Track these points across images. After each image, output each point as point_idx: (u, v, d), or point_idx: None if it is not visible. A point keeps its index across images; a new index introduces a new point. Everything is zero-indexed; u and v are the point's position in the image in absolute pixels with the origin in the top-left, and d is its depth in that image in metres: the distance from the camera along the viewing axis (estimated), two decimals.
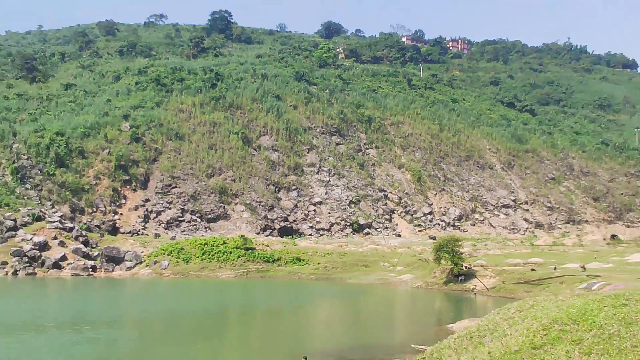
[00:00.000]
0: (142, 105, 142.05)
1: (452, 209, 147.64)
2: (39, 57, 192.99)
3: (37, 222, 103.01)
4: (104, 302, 70.26)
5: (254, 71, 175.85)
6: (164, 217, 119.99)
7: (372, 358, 40.37)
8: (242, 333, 56.25)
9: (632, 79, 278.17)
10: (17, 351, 42.70)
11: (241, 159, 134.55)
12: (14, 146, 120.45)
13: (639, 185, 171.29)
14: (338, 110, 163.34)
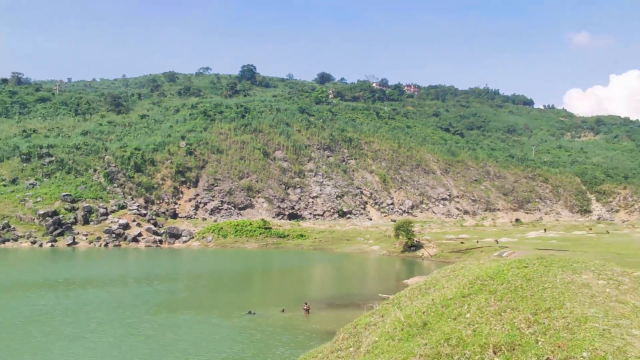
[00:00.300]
0: (194, 130, 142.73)
1: (407, 201, 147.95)
2: (122, 96, 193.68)
3: (121, 209, 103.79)
4: (167, 265, 71.02)
5: (271, 106, 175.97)
6: (209, 206, 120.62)
7: (351, 303, 40.64)
8: (263, 285, 56.82)
9: (530, 112, 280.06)
10: (108, 298, 43.09)
11: (262, 167, 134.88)
12: (105, 157, 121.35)
13: (534, 184, 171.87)
14: (328, 133, 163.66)
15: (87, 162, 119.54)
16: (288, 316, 36.20)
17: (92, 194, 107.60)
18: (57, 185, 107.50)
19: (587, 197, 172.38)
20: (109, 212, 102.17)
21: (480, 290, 14.10)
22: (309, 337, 29.61)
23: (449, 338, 12.08)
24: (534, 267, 15.07)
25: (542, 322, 11.11)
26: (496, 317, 12.13)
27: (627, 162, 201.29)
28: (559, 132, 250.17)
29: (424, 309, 14.72)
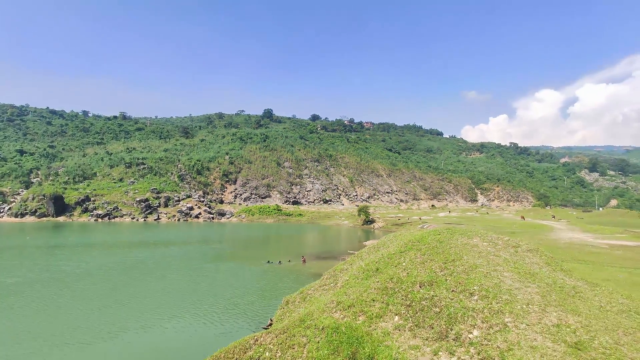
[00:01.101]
0: (234, 149, 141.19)
1: (365, 194, 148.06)
2: (189, 127, 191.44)
3: (188, 198, 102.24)
4: (217, 232, 70.01)
5: (282, 135, 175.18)
6: (243, 196, 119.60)
7: (332, 256, 40.62)
8: (276, 245, 56.23)
9: (440, 139, 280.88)
10: (181, 252, 42.86)
11: (276, 172, 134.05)
12: (178, 165, 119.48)
13: (443, 184, 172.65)
14: (317, 151, 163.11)
15: (166, 168, 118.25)
16: (293, 264, 36.24)
17: (170, 188, 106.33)
18: (148, 183, 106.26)
19: (475, 191, 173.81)
20: (180, 199, 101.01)
21: (411, 248, 14.21)
22: (306, 276, 29.67)
23: (392, 278, 12.15)
24: (443, 234, 15.20)
25: (449, 268, 11.21)
26: (421, 265, 12.22)
27: (499, 170, 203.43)
28: (458, 152, 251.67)
29: (376, 260, 14.78)
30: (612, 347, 6.61)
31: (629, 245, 33.75)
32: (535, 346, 6.78)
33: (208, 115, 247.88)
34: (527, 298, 8.59)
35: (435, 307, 9.59)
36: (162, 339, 17.65)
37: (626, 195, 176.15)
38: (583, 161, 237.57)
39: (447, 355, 7.98)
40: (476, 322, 8.23)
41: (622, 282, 16.64)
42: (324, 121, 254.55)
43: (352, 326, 10.62)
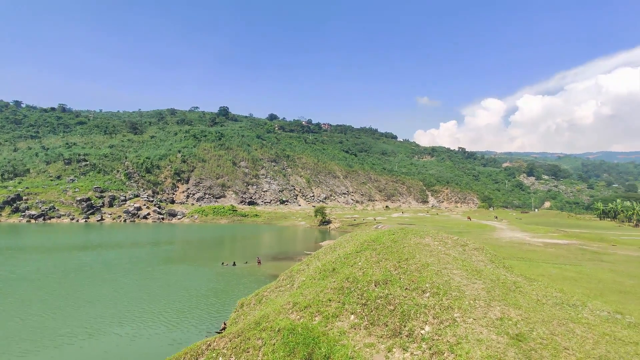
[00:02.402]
0: (187, 147, 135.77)
1: (322, 194, 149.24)
2: (138, 123, 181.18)
3: (136, 197, 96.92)
4: (168, 234, 66.91)
5: (238, 133, 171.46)
6: (196, 196, 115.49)
7: (288, 257, 40.39)
8: (231, 246, 54.87)
9: (395, 143, 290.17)
10: (130, 254, 40.47)
11: (231, 171, 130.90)
12: (125, 163, 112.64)
13: (396, 185, 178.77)
14: (274, 151, 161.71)
15: (112, 165, 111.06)
16: (248, 266, 35.55)
17: (115, 186, 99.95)
18: (90, 181, 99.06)
19: (426, 193, 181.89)
20: (127, 199, 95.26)
21: (367, 248, 14.49)
22: (262, 278, 29.24)
23: (348, 277, 12.31)
24: (398, 234, 15.68)
25: (403, 267, 11.57)
26: (376, 264, 12.50)
27: (448, 173, 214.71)
28: (411, 155, 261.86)
29: (333, 260, 14.90)
30: (548, 338, 7.19)
31: (560, 244, 37.09)
32: (481, 339, 7.19)
33: (159, 110, 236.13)
34: (474, 294, 9.10)
35: (389, 305, 9.85)
36: (110, 347, 16.57)
37: (558, 197, 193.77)
38: (522, 166, 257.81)
39: (401, 351, 8.22)
40: (428, 318, 8.56)
41: (554, 277, 18.21)
42: (282, 121, 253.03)
43: (308, 327, 10.61)
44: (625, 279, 19.01)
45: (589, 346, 7.03)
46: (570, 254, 29.87)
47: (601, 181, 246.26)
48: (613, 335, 7.85)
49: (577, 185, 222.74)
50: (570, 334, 7.49)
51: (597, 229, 61.84)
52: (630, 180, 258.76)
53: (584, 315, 9.12)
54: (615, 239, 42.73)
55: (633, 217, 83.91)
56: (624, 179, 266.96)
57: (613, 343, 7.38)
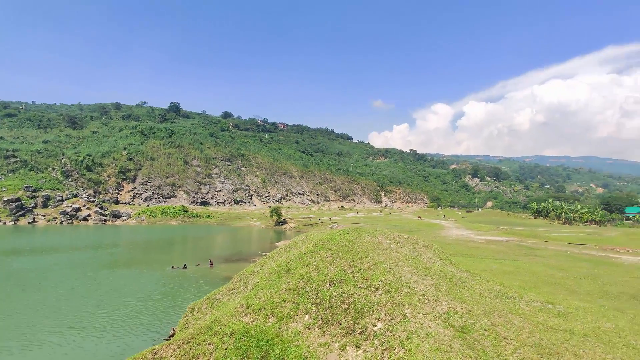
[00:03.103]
0: (133, 144, 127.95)
1: (278, 194, 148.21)
2: (78, 117, 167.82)
3: (74, 197, 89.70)
4: (112, 236, 62.61)
5: (190, 131, 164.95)
6: (144, 196, 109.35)
7: (242, 258, 39.63)
8: (181, 248, 52.79)
9: (350, 144, 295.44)
10: (67, 260, 37.30)
11: (182, 170, 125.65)
12: (62, 160, 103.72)
13: (351, 186, 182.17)
14: (229, 150, 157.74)
15: (47, 163, 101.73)
16: (199, 268, 34.35)
17: (50, 186, 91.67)
18: (21, 179, 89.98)
19: (379, 193, 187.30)
20: (64, 199, 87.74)
21: (321, 248, 14.57)
22: (214, 281, 28.38)
23: (303, 277, 12.28)
24: (352, 233, 15.94)
25: (357, 266, 11.77)
26: (331, 264, 12.60)
27: (400, 174, 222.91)
28: (366, 156, 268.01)
29: (288, 260, 14.80)
30: (490, 328, 7.67)
31: (500, 240, 39.98)
32: (429, 333, 7.49)
33: (102, 104, 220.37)
34: (424, 290, 9.48)
35: (343, 303, 9.96)
36: (49, 358, 15.17)
37: (499, 197, 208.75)
38: (467, 168, 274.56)
39: (354, 349, 8.34)
40: (380, 315, 8.77)
41: (495, 272, 19.55)
42: (237, 119, 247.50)
43: (262, 329, 10.42)
44: (556, 271, 20.92)
45: (525, 335, 7.59)
46: (509, 249, 32.31)
47: (535, 182, 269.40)
48: (545, 324, 8.56)
49: (515, 186, 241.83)
50: (509, 324, 8.05)
51: (532, 227, 67.51)
52: (559, 182, 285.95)
53: (520, 306, 9.86)
54: (547, 236, 46.93)
55: (562, 215, 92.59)
56: (554, 181, 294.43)
57: (546, 331, 8.05)
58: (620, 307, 12.26)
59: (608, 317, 10.20)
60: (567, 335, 7.96)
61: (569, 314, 9.91)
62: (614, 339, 8.38)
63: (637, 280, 18.62)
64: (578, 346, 7.38)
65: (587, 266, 23.24)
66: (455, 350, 6.93)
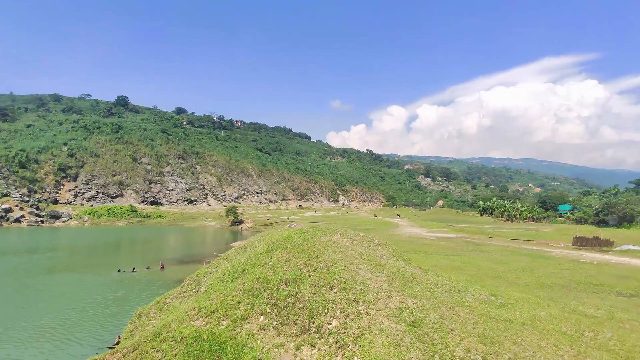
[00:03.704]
0: (75, 139, 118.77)
1: (234, 193, 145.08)
2: (9, 109, 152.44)
3: (4, 197, 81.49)
4: (49, 239, 57.70)
5: (140, 126, 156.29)
6: (86, 195, 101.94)
7: (196, 260, 38.34)
8: (130, 250, 49.97)
9: (308, 143, 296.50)
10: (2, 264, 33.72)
11: (131, 168, 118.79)
12: None
13: (309, 185, 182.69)
14: (182, 147, 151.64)
15: None
16: (150, 271, 32.70)
17: None
18: None
19: (337, 193, 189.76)
20: None
21: (278, 247, 14.43)
22: (165, 284, 27.14)
23: (259, 278, 12.10)
24: (308, 232, 15.96)
25: (313, 264, 11.80)
26: (287, 263, 12.52)
27: (357, 174, 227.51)
28: (324, 155, 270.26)
29: (243, 261, 14.51)
30: (438, 322, 8.01)
31: (449, 237, 42.13)
32: (382, 328, 7.67)
33: (39, 95, 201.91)
34: (377, 286, 9.71)
35: (299, 303, 9.93)
36: None
37: (449, 196, 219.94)
38: (420, 168, 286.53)
39: (309, 348, 8.34)
40: (335, 313, 8.85)
41: (445, 267, 20.55)
42: (191, 115, 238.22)
43: (214, 332, 10.10)
44: (498, 265, 22.42)
45: (470, 326, 8.03)
46: (458, 246, 34.14)
47: (482, 182, 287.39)
48: (489, 315, 9.11)
49: (464, 185, 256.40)
50: (456, 316, 8.47)
51: (478, 224, 71.88)
52: (502, 182, 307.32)
53: (467, 299, 10.42)
54: (491, 232, 50.22)
55: (505, 213, 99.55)
56: (498, 181, 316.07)
57: (489, 322, 8.57)
58: (553, 297, 13.38)
59: (543, 307, 11.09)
60: (507, 325, 8.53)
61: (509, 304, 10.65)
62: (547, 327, 9.12)
63: (567, 272, 20.47)
64: (517, 334, 7.94)
65: (526, 260, 25.16)
66: (406, 344, 7.16)
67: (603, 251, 32.32)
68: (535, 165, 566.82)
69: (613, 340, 8.71)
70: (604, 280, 17.98)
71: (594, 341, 8.58)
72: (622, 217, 65.19)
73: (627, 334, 9.19)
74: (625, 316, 10.66)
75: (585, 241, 36.78)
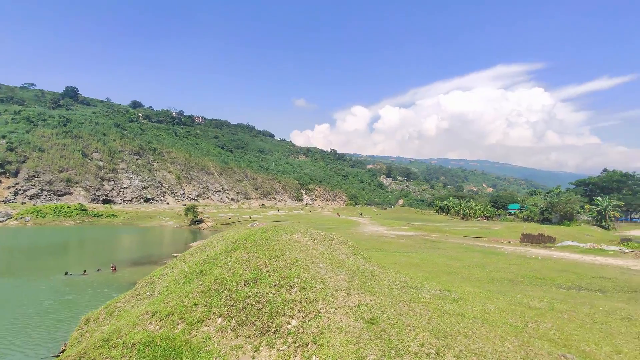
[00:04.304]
0: (15, 131, 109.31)
1: (194, 192, 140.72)
2: None
3: None
4: None
5: (91, 120, 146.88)
6: (29, 193, 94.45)
7: (151, 261, 36.77)
8: (79, 252, 46.89)
9: (272, 141, 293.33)
10: None
11: (80, 164, 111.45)
12: None
13: (273, 184, 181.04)
14: (138, 143, 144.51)
15: None
16: (101, 274, 30.87)
17: None
18: None
19: (301, 191, 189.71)
20: None
21: (238, 247, 14.14)
22: (117, 287, 25.77)
23: (217, 279, 11.80)
24: (270, 232, 15.79)
25: (273, 264, 11.68)
26: (247, 263, 12.31)
27: (321, 173, 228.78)
28: (287, 154, 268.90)
29: (201, 262, 14.10)
30: (395, 318, 8.22)
31: (409, 235, 43.48)
32: (341, 327, 7.75)
33: None
34: (337, 285, 9.79)
35: (258, 303, 9.79)
36: None
37: (409, 196, 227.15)
38: (382, 168, 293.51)
39: (267, 349, 8.24)
40: (294, 313, 8.81)
41: (403, 264, 21.18)
42: (148, 110, 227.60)
43: (169, 337, 9.71)
44: (453, 262, 23.46)
45: (425, 321, 8.31)
46: (416, 243, 35.33)
47: (439, 182, 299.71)
48: (442, 310, 9.49)
49: (423, 185, 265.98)
50: (412, 312, 8.74)
51: (435, 222, 74.80)
52: (459, 182, 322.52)
53: (422, 295, 10.79)
54: (448, 230, 52.46)
55: (460, 212, 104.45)
56: (455, 181, 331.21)
57: (442, 316, 8.92)
58: (502, 291, 14.21)
59: (492, 300, 11.74)
60: (460, 319, 8.93)
61: (462, 299, 11.16)
62: (496, 319, 9.65)
63: (515, 267, 21.83)
64: (468, 327, 8.33)
65: (478, 256, 26.53)
66: (364, 341, 7.27)
67: (546, 247, 34.86)
68: (489, 167, 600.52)
69: (553, 330, 9.40)
70: (547, 274, 19.38)
71: (536, 331, 9.20)
72: (563, 215, 70.67)
73: (565, 324, 9.96)
74: (564, 307, 11.54)
75: (531, 238, 39.46)
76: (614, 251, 30.48)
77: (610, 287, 16.54)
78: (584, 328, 9.74)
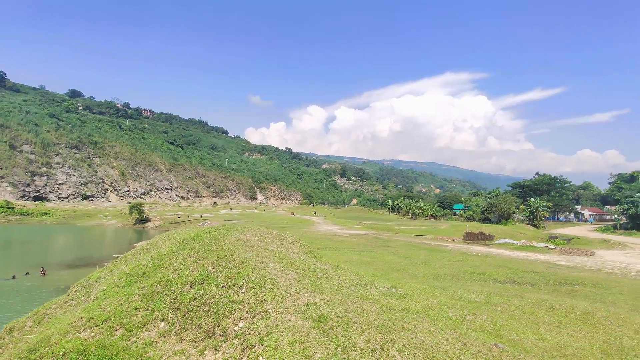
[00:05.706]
0: None
1: (140, 189, 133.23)
2: None
3: None
4: None
5: (21, 109, 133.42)
6: None
7: (89, 263, 34.34)
8: (4, 253, 42.40)
9: (225, 138, 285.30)
10: None
11: (8, 157, 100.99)
12: None
13: (226, 182, 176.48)
14: (77, 136, 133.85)
15: None
16: (30, 278, 28.16)
17: None
18: None
19: (255, 190, 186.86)
20: None
21: (185, 247, 13.59)
22: (47, 292, 23.68)
23: (161, 281, 11.27)
24: (219, 231, 15.34)
25: (221, 264, 11.37)
26: (194, 264, 11.88)
27: (276, 171, 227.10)
28: (242, 152, 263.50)
29: (144, 263, 13.36)
30: (343, 315, 8.36)
31: (361, 234, 44.56)
32: (289, 326, 7.73)
33: None
34: (287, 284, 9.75)
35: (204, 305, 9.47)
36: None
37: (362, 195, 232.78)
38: (337, 168, 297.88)
39: (213, 352, 8.00)
40: (242, 314, 8.64)
41: (355, 262, 21.66)
42: (89, 100, 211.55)
43: (105, 344, 9.08)
44: (402, 259, 24.40)
45: (372, 318, 8.54)
46: (368, 242, 36.29)
47: (391, 183, 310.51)
48: (389, 306, 9.81)
49: (376, 185, 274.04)
50: (360, 309, 8.94)
51: (387, 221, 77.38)
52: (409, 183, 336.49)
53: (371, 292, 11.09)
54: (398, 229, 54.51)
55: (410, 211, 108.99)
56: (405, 182, 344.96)
57: (388, 312, 9.22)
58: (445, 286, 15.03)
59: (435, 295, 12.37)
60: (404, 314, 9.30)
61: (407, 295, 11.64)
62: (437, 313, 10.18)
63: (458, 264, 23.21)
64: (411, 322, 8.69)
65: (425, 253, 27.86)
66: (311, 339, 7.31)
67: (486, 244, 37.48)
68: (437, 169, 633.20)
69: (488, 321, 10.11)
70: (485, 269, 20.82)
71: (473, 323, 9.84)
72: (501, 215, 76.35)
73: (498, 315, 10.75)
74: (498, 300, 12.46)
75: (473, 236, 42.21)
76: (543, 248, 33.53)
77: (538, 280, 18.15)
78: (514, 319, 10.59)
